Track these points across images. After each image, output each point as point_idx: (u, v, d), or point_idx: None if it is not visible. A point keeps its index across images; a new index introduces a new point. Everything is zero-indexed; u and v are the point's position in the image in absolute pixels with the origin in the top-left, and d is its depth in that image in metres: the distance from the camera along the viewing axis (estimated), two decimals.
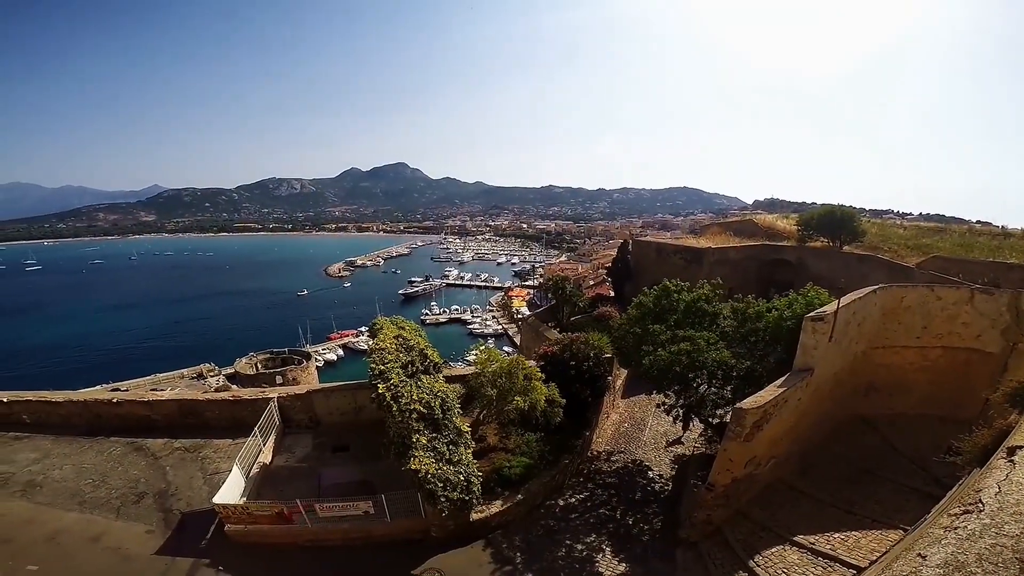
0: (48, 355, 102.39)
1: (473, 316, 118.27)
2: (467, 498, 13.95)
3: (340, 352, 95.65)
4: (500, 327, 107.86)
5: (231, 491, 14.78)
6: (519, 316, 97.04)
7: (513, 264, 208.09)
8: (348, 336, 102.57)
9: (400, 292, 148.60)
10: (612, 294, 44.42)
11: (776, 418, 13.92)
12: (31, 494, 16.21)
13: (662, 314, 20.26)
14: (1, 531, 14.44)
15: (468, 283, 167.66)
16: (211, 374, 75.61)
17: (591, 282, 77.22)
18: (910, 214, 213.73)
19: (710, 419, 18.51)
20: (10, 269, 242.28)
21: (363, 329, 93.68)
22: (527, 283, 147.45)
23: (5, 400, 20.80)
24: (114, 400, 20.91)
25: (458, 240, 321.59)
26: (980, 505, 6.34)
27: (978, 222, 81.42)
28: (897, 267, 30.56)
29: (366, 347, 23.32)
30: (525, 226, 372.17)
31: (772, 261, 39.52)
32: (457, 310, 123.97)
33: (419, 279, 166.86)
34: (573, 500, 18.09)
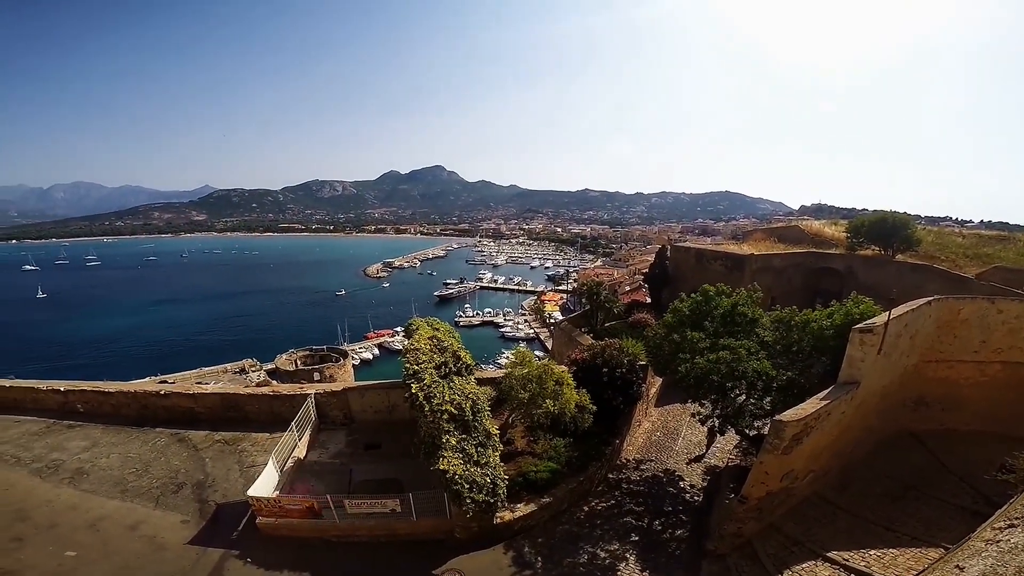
0: (103, 346, 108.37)
1: (506, 319, 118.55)
2: (492, 500, 13.93)
3: (376, 351, 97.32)
4: (532, 331, 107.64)
5: (265, 484, 15.18)
6: (551, 321, 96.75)
7: (547, 268, 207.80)
8: (384, 335, 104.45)
9: (436, 294, 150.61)
10: (648, 301, 43.61)
11: (817, 431, 13.38)
12: (78, 481, 17.03)
13: (700, 321, 19.74)
14: (48, 517, 15.17)
15: (501, 286, 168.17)
16: (253, 369, 78.14)
17: (627, 288, 76.31)
18: (970, 221, 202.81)
19: (747, 430, 17.91)
20: (72, 264, 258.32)
21: (399, 329, 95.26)
22: (560, 287, 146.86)
23: (62, 389, 22.04)
24: (161, 392, 21.87)
25: (492, 243, 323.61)
26: None
27: None
28: (954, 278, 28.99)
29: (401, 347, 23.75)
30: (559, 230, 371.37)
31: (819, 269, 38.02)
32: (490, 313, 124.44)
33: (454, 281, 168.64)
34: (599, 507, 17.77)
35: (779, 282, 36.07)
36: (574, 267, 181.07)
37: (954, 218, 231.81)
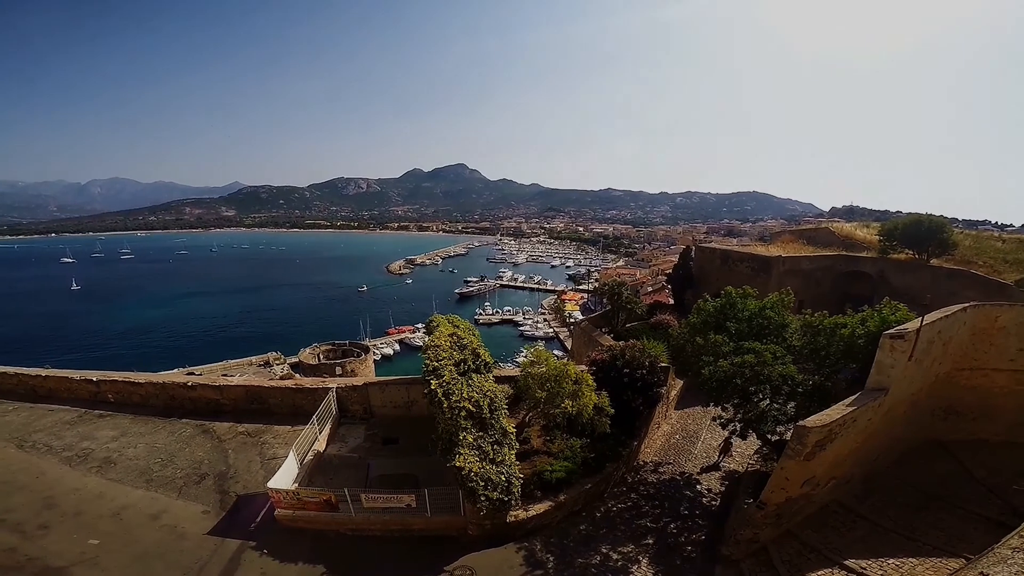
0: (134, 337, 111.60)
1: (525, 318, 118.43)
2: (506, 499, 13.91)
3: (397, 347, 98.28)
4: (551, 330, 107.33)
5: (285, 477, 15.42)
6: (571, 320, 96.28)
7: (567, 267, 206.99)
8: (405, 332, 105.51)
9: (456, 291, 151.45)
10: (671, 302, 43.07)
11: (841, 438, 13.11)
12: (105, 470, 17.49)
13: (724, 323, 19.39)
14: (74, 504, 15.60)
15: (521, 285, 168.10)
16: (277, 362, 79.58)
17: (649, 288, 75.45)
18: (1011, 226, 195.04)
19: (769, 436, 17.55)
20: (108, 257, 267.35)
21: (419, 325, 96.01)
22: (581, 287, 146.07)
23: (95, 379, 22.75)
24: (188, 384, 22.44)
25: (513, 241, 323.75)
26: None
27: None
28: (992, 283, 27.99)
29: (421, 343, 23.92)
30: (581, 229, 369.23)
31: (849, 273, 37.07)
32: (509, 311, 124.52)
33: (475, 279, 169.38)
34: (615, 509, 17.65)
35: (807, 285, 35.25)
36: (595, 267, 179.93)
37: (993, 222, 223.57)
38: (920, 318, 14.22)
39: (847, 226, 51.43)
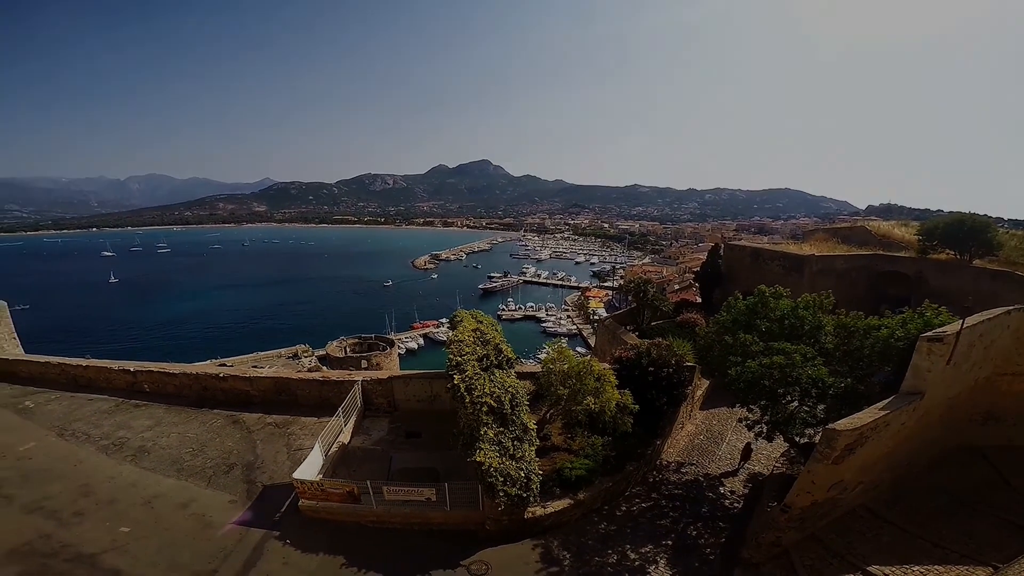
0: (170, 329, 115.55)
1: (548, 314, 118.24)
2: (525, 495, 13.91)
3: (421, 341, 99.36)
4: (574, 327, 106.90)
5: (310, 468, 15.75)
6: (595, 317, 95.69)
7: (592, 264, 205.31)
8: (429, 326, 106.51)
9: (480, 286, 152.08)
10: (699, 300, 42.37)
11: (872, 442, 12.73)
12: (140, 459, 18.09)
13: (754, 322, 18.95)
14: (109, 492, 16.13)
15: (545, 281, 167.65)
16: (305, 355, 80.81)
17: (676, 287, 74.61)
18: None
19: (796, 438, 17.12)
20: (145, 251, 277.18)
21: (443, 320, 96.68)
22: (606, 284, 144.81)
23: (132, 370, 23.62)
24: (220, 375, 23.08)
25: (536, 237, 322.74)
26: None
27: None
28: None
29: (445, 338, 24.08)
30: (606, 225, 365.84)
31: (886, 273, 35.82)
32: (532, 307, 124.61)
33: (498, 275, 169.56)
34: (634, 508, 17.47)
35: (841, 286, 34.22)
36: (621, 264, 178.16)
37: None
38: (960, 321, 13.67)
39: (884, 225, 49.71)
